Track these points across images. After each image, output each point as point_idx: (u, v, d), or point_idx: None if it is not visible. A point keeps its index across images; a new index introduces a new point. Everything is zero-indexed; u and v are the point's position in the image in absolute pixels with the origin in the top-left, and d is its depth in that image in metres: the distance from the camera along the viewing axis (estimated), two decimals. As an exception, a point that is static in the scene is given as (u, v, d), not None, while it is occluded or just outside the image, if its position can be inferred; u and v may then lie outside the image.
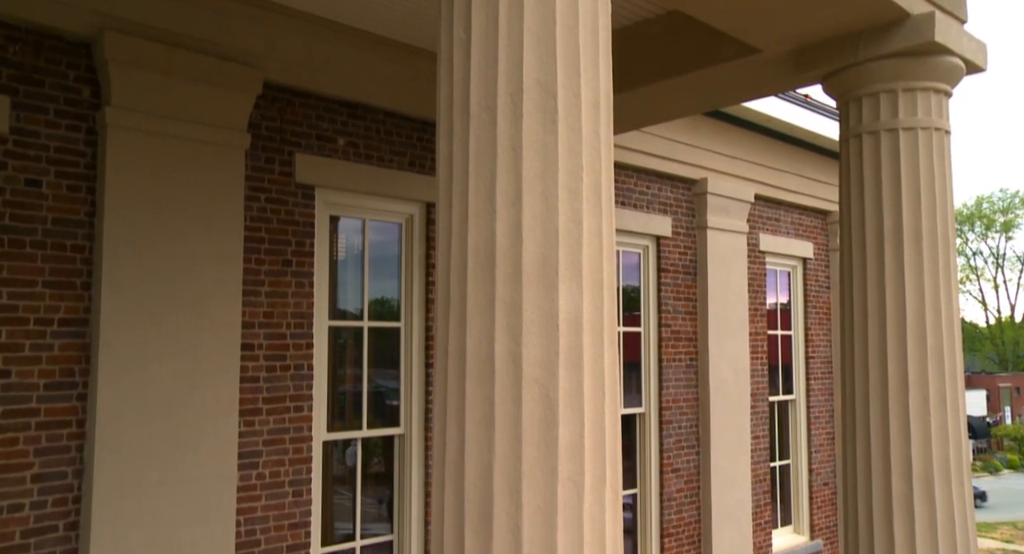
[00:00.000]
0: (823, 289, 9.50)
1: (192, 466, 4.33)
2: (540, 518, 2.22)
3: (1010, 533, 25.81)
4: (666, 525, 7.29)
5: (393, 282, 5.65)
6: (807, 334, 9.26)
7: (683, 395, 7.56)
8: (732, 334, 7.96)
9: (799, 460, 9.09)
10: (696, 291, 7.80)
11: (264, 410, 4.78)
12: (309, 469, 4.95)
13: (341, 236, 5.42)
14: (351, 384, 5.38)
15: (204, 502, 4.36)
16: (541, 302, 2.29)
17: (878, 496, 4.09)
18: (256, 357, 4.77)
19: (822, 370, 9.36)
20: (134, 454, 4.13)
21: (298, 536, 4.88)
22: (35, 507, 3.92)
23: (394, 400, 5.56)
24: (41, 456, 3.95)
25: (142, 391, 4.19)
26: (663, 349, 7.44)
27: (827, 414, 9.38)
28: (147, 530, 4.15)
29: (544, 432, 2.25)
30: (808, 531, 9.02)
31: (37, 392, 3.95)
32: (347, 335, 5.38)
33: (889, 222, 4.12)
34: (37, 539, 3.92)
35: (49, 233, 4.02)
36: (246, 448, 4.68)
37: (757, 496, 8.24)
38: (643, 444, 7.32)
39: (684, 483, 7.48)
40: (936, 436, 4.03)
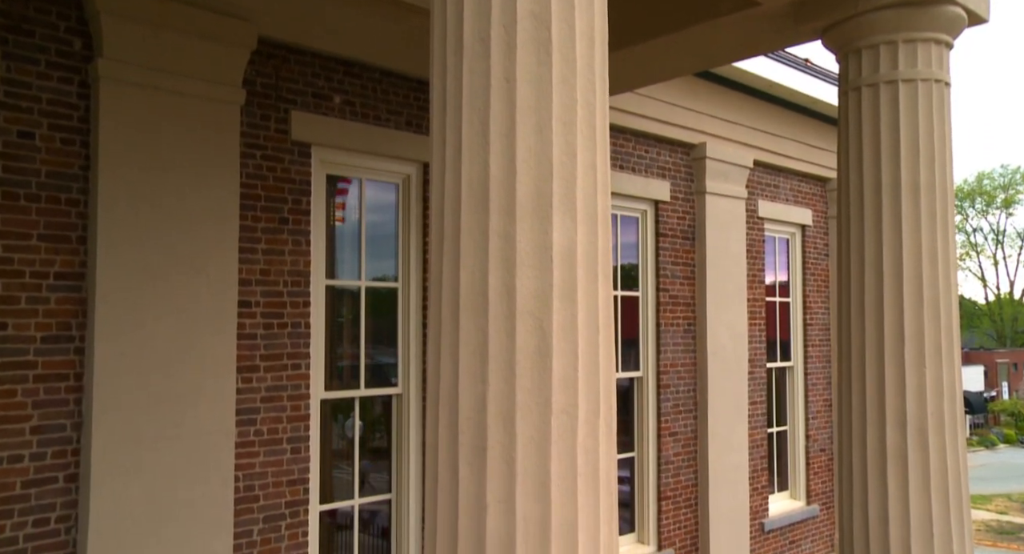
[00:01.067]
0: (822, 257, 9.49)
1: (190, 421, 4.35)
2: (534, 449, 2.23)
3: (1004, 504, 26.03)
4: (663, 488, 7.34)
5: (390, 243, 5.63)
6: (805, 301, 9.26)
7: (681, 360, 7.58)
8: (730, 300, 7.97)
9: (796, 426, 9.14)
10: (694, 256, 7.79)
11: (262, 367, 4.79)
12: (307, 427, 4.97)
13: (338, 196, 5.40)
14: (349, 344, 5.39)
15: (203, 457, 4.38)
16: (535, 235, 2.29)
17: (872, 446, 4.11)
18: (253, 314, 4.77)
19: (820, 338, 9.38)
20: (132, 408, 4.14)
21: (296, 492, 4.91)
22: (35, 458, 3.94)
23: (392, 360, 5.58)
24: (39, 408, 3.97)
25: (139, 346, 4.19)
26: (661, 314, 7.44)
27: (824, 381, 9.41)
28: (147, 484, 4.17)
29: (537, 364, 2.25)
30: (804, 496, 9.10)
31: (34, 345, 3.96)
32: (345, 295, 5.38)
33: (887, 175, 4.10)
34: (38, 490, 3.95)
35: (43, 186, 4.00)
36: (244, 405, 4.69)
37: (754, 461, 8.29)
38: (641, 408, 7.35)
39: (682, 447, 7.52)
40: (931, 387, 4.04)
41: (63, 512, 4.02)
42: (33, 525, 3.92)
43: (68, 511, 4.03)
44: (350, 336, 5.40)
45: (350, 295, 5.41)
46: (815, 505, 9.10)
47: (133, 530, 4.10)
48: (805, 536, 8.93)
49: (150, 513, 4.17)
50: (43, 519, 3.96)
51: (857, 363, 4.18)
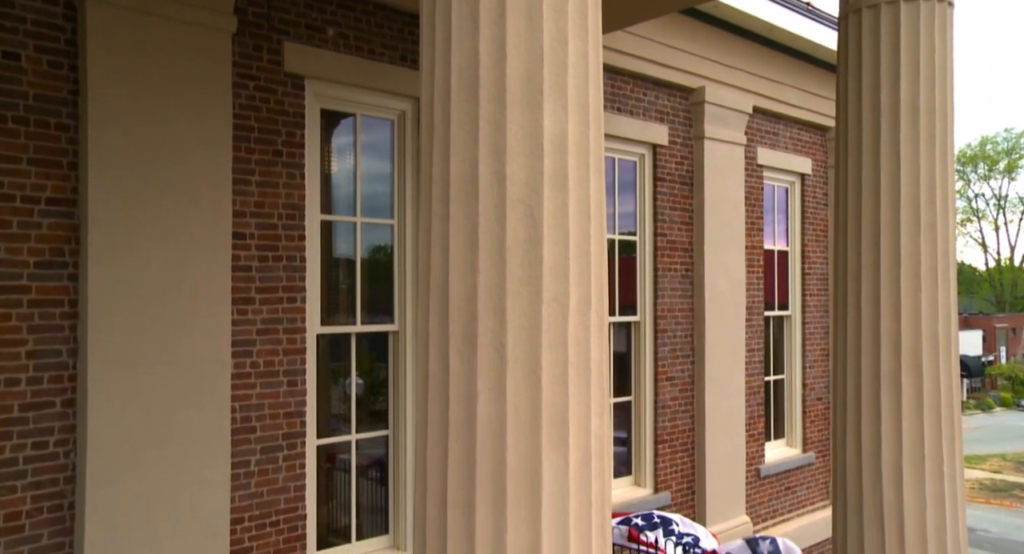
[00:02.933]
0: (821, 206, 9.44)
1: (185, 349, 4.35)
2: (524, 337, 2.23)
3: (999, 464, 26.32)
4: (660, 431, 7.39)
5: (386, 180, 5.59)
6: (804, 251, 9.24)
7: (678, 305, 7.58)
8: (728, 246, 7.94)
9: (793, 375, 9.18)
10: (692, 202, 7.75)
11: (257, 299, 4.78)
12: (303, 360, 4.98)
13: (333, 131, 5.35)
14: (345, 279, 5.38)
15: (198, 385, 4.40)
16: (525, 122, 2.25)
17: (867, 371, 4.12)
18: (248, 246, 4.75)
19: (818, 287, 9.38)
20: (127, 334, 4.14)
21: (293, 425, 4.94)
22: (31, 382, 3.95)
23: (388, 297, 5.57)
24: (35, 333, 3.97)
25: (133, 273, 4.18)
26: (658, 258, 7.43)
27: (822, 330, 9.43)
28: (143, 410, 4.19)
29: (528, 252, 2.24)
30: (801, 444, 9.17)
31: (27, 270, 3.95)
32: (340, 230, 5.36)
33: (886, 96, 4.05)
34: (35, 414, 3.96)
35: (31, 109, 3.95)
36: (239, 336, 4.70)
37: (751, 408, 8.34)
38: (638, 352, 7.37)
39: (678, 391, 7.56)
40: (926, 310, 4.04)
41: (61, 436, 4.04)
42: (32, 448, 3.95)
43: (66, 435, 4.05)
44: (346, 272, 5.39)
45: (346, 231, 5.38)
46: (811, 453, 9.17)
47: (131, 455, 4.13)
48: (801, 483, 9.02)
49: (147, 438, 4.19)
50: (42, 442, 3.98)
51: (853, 286, 4.17)
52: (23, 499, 3.91)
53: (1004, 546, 18.51)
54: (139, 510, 4.15)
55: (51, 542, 3.99)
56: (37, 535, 3.95)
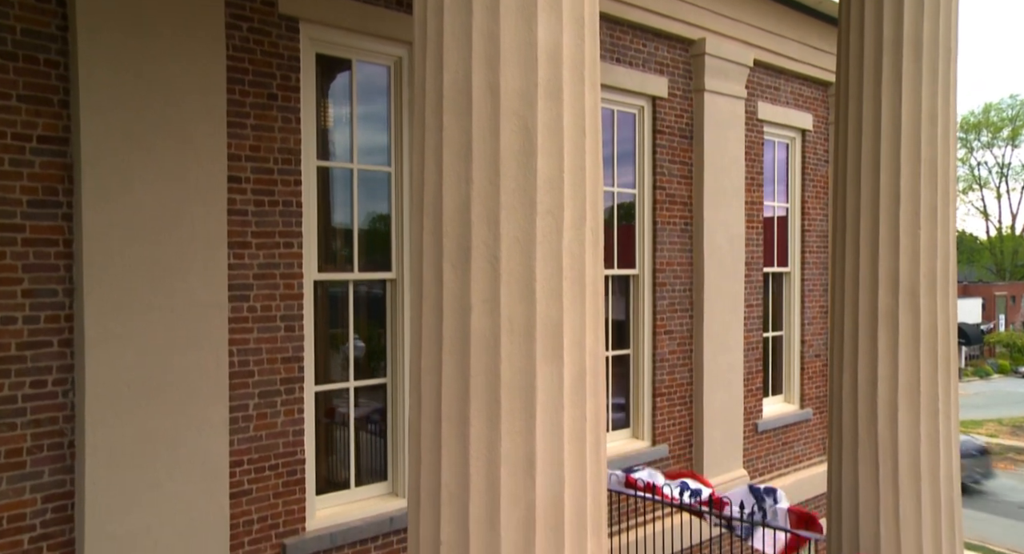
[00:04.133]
0: (821, 163, 9.38)
1: (182, 292, 4.35)
2: (518, 250, 2.21)
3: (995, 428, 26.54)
4: (658, 385, 7.42)
5: (382, 127, 5.54)
6: (804, 208, 9.20)
7: (677, 258, 7.56)
8: (727, 201, 7.90)
9: (792, 332, 9.19)
10: (692, 155, 7.69)
11: (253, 244, 4.77)
12: (300, 306, 4.98)
13: (329, 76, 5.28)
14: (342, 226, 5.35)
15: (195, 328, 4.40)
16: (519, 32, 2.22)
17: (864, 309, 4.12)
18: (243, 190, 4.72)
19: (818, 244, 9.35)
20: (123, 276, 4.13)
21: (292, 370, 4.95)
22: (28, 322, 3.95)
23: (385, 244, 5.55)
24: (30, 272, 3.95)
25: (127, 215, 4.16)
26: (657, 212, 7.39)
27: (821, 288, 9.42)
28: (141, 351, 4.20)
29: (522, 164, 2.21)
30: (798, 400, 9.22)
31: (20, 208, 3.92)
32: (337, 177, 5.32)
33: (889, 29, 3.98)
34: (33, 353, 3.97)
35: (19, 44, 3.89)
36: (236, 280, 4.69)
37: (749, 363, 8.37)
38: (636, 305, 7.37)
39: (677, 345, 7.58)
40: (925, 249, 4.03)
41: (59, 376, 4.05)
42: (30, 386, 3.96)
43: (64, 375, 4.06)
44: (343, 219, 5.36)
45: (342, 178, 5.35)
46: (808, 409, 9.23)
47: (129, 395, 4.14)
48: (798, 438, 9.09)
49: (146, 380, 4.21)
50: (40, 381, 3.99)
51: (851, 225, 4.15)
52: (23, 436, 3.93)
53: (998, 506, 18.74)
54: (138, 450, 4.18)
55: (52, 479, 4.02)
56: (38, 472, 3.98)
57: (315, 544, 5.02)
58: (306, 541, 4.98)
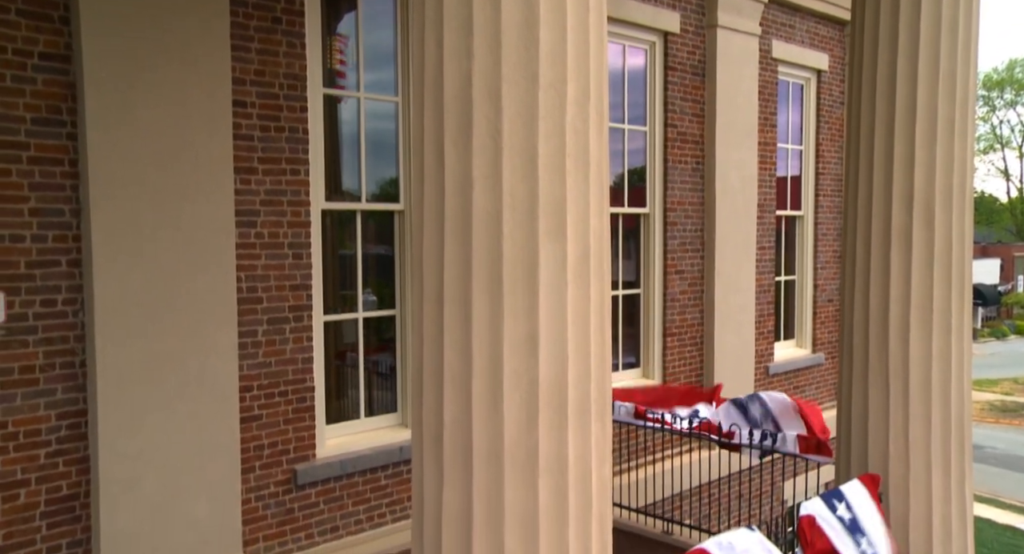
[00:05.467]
0: (837, 104, 9.20)
1: (188, 215, 4.33)
2: (520, 124, 2.17)
3: (1010, 387, 26.46)
4: (669, 325, 7.40)
5: (389, 57, 5.46)
6: (818, 150, 9.05)
7: (688, 198, 7.48)
8: (740, 141, 7.78)
9: (804, 276, 9.12)
10: (704, 93, 7.56)
11: (260, 170, 4.74)
12: (308, 234, 4.96)
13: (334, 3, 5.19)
14: (349, 155, 5.31)
15: (203, 251, 4.39)
16: (520, -103, 2.14)
17: (877, 226, 4.05)
18: (249, 115, 4.68)
19: (832, 187, 9.22)
20: (129, 199, 4.12)
21: (300, 298, 4.96)
22: (36, 240, 3.96)
23: (393, 175, 5.51)
24: (36, 191, 3.95)
25: (132, 137, 4.13)
26: (668, 150, 7.29)
27: (835, 231, 9.31)
28: (148, 274, 4.20)
29: (524, 35, 2.16)
30: (811, 345, 9.18)
31: (24, 126, 3.90)
32: (343, 106, 5.26)
33: (907, -66, 3.85)
34: (42, 272, 3.98)
35: (19, -42, 3.84)
36: (243, 206, 4.67)
37: (761, 306, 8.31)
38: (647, 245, 7.31)
39: (688, 285, 7.53)
40: (941, 163, 3.94)
41: (69, 295, 4.07)
42: (41, 305, 3.98)
43: (74, 295, 4.08)
44: (350, 149, 5.32)
45: (349, 106, 5.29)
46: (820, 353, 9.19)
47: (138, 315, 4.16)
48: (810, 382, 9.06)
49: (154, 302, 4.22)
50: (50, 300, 4.01)
51: (866, 141, 4.06)
52: (35, 354, 3.97)
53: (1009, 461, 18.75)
54: (148, 371, 4.21)
55: (65, 396, 4.07)
56: (51, 389, 4.02)
57: (325, 471, 5.08)
58: (316, 467, 5.04)
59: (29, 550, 3.98)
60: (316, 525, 5.08)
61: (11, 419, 3.91)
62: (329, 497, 5.14)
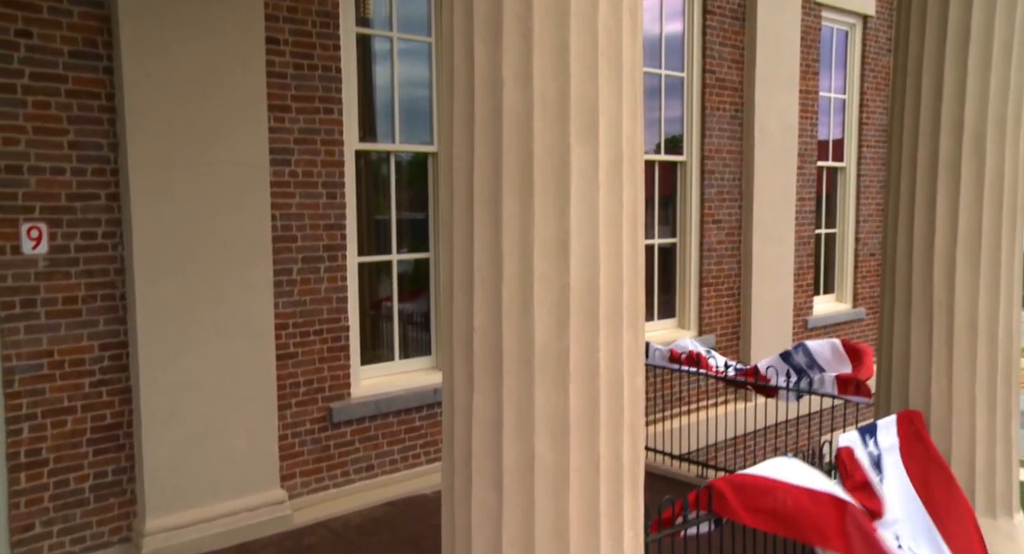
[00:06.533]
0: (884, 52, 8.88)
1: (222, 152, 4.35)
2: (551, 22, 2.11)
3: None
4: (705, 275, 7.30)
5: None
6: (862, 100, 8.77)
7: (726, 146, 7.32)
8: (780, 88, 7.57)
9: (846, 229, 8.91)
10: (744, 39, 7.35)
11: (293, 108, 4.73)
12: (342, 173, 4.97)
13: (363, -60, 5.13)
14: (382, 96, 5.28)
15: (237, 188, 4.41)
16: None
17: (923, 157, 3.91)
18: (282, 52, 4.66)
19: (876, 139, 8.95)
20: (164, 133, 4.15)
21: (334, 237, 4.98)
22: (76, 173, 4.02)
23: (426, 117, 5.47)
24: (75, 124, 4.00)
25: (166, 71, 4.13)
26: (706, 96, 7.12)
27: (878, 184, 9.06)
28: (184, 209, 4.24)
29: (556, -73, 2.08)
30: (851, 300, 9.00)
31: (62, 58, 3.94)
32: (376, 45, 5.22)
33: None
34: (82, 204, 4.05)
35: None
36: (277, 144, 4.68)
37: (800, 258, 8.15)
38: (684, 193, 7.19)
39: (725, 235, 7.41)
40: (995, 90, 3.77)
41: (108, 229, 4.13)
42: (81, 237, 4.05)
43: (113, 228, 4.15)
44: (383, 89, 5.28)
45: (382, 46, 5.24)
46: (861, 308, 9.01)
47: (173, 249, 4.21)
48: (850, 337, 8.90)
49: (190, 238, 4.26)
50: (90, 233, 4.08)
51: (913, 68, 3.90)
52: (77, 285, 4.05)
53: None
54: (185, 306, 4.27)
55: (107, 328, 4.16)
56: (94, 320, 4.11)
57: (360, 410, 5.14)
58: (351, 406, 5.10)
59: (78, 474, 4.11)
60: (352, 463, 5.16)
61: (57, 348, 4.01)
62: (364, 436, 5.21)
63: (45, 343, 3.98)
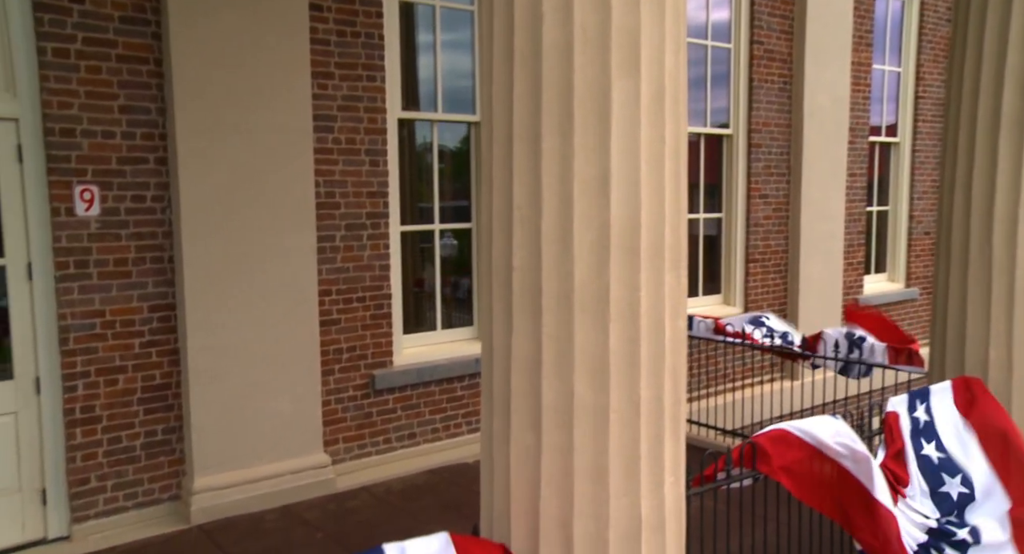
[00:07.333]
0: (942, 22, 8.57)
1: (267, 118, 4.39)
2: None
3: None
4: (751, 251, 7.16)
5: (463, -35, 5.37)
6: (919, 72, 8.48)
7: (774, 119, 7.15)
8: (831, 60, 7.36)
9: (899, 206, 8.64)
10: (793, 8, 7.15)
11: (337, 75, 4.76)
12: (384, 141, 4.98)
13: (406, -92, 5.12)
14: (425, 64, 5.27)
15: (282, 153, 4.45)
16: None
17: (984, 113, 3.75)
18: (325, 19, 4.69)
19: (932, 112, 8.65)
20: (210, 98, 4.20)
21: (377, 205, 5.00)
22: (125, 137, 4.10)
23: (469, 87, 5.45)
24: (125, 89, 4.08)
25: (213, 37, 4.18)
26: (754, 68, 6.96)
27: (934, 161, 8.77)
28: (229, 173, 4.28)
29: None
30: (904, 279, 8.74)
31: (113, 24, 4.02)
32: (420, 12, 5.21)
33: None
34: (132, 168, 4.13)
35: None
36: (320, 111, 4.71)
37: (850, 235, 7.94)
38: (729, 167, 7.06)
39: (772, 210, 7.25)
40: (1060, 40, 3.59)
41: (156, 192, 4.21)
42: (131, 200, 4.14)
43: (161, 192, 4.23)
44: (427, 58, 5.28)
45: (425, 15, 5.24)
46: (915, 288, 8.74)
47: (220, 214, 4.27)
48: (902, 318, 8.65)
49: (235, 201, 4.32)
50: (140, 196, 4.17)
51: (975, 20, 3.74)
52: (127, 247, 4.14)
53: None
54: (231, 270, 4.33)
55: (155, 290, 4.24)
56: (143, 282, 4.20)
57: (402, 378, 5.17)
58: (393, 374, 5.13)
59: (129, 432, 4.21)
60: (394, 431, 5.20)
61: (108, 308, 4.11)
62: (406, 404, 5.24)
63: (97, 303, 4.08)
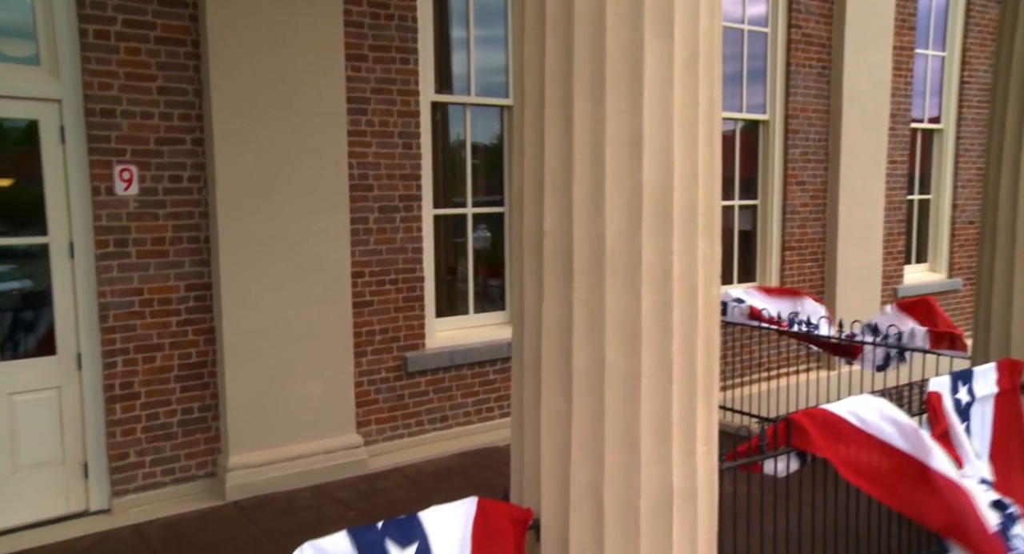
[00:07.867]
0: (991, 4, 8.33)
1: (301, 99, 4.43)
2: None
3: None
4: (788, 238, 7.04)
5: (496, -52, 5.35)
6: (964, 56, 8.26)
7: (812, 105, 7.02)
8: (872, 44, 7.20)
9: (942, 195, 8.43)
10: (834, -10, 7.02)
11: (370, 57, 4.78)
12: (417, 124, 5.00)
13: None
14: (458, 48, 5.27)
15: (315, 135, 4.48)
16: None
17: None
18: (359, 1, 4.72)
19: (978, 98, 8.42)
20: (245, 79, 4.24)
21: (410, 188, 5.02)
22: (163, 118, 4.17)
23: (502, 70, 5.44)
24: (163, 70, 4.14)
25: (248, 19, 4.22)
26: (791, 53, 6.84)
27: (979, 148, 8.53)
28: (264, 154, 4.32)
29: None
30: (946, 269, 8.53)
31: (152, 6, 4.08)
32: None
33: None
34: (169, 148, 4.20)
35: None
36: (354, 93, 4.74)
37: (890, 224, 7.77)
38: (766, 153, 6.95)
39: (809, 197, 7.12)
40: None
41: (193, 173, 4.28)
42: (168, 180, 4.21)
43: (197, 173, 4.29)
44: (460, 42, 5.28)
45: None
46: (958, 279, 8.53)
47: (254, 194, 4.31)
48: (944, 309, 8.41)
49: (270, 182, 4.36)
50: (176, 176, 4.23)
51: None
52: (165, 226, 4.21)
53: None
54: (266, 250, 4.38)
55: (192, 270, 4.31)
56: (180, 261, 4.27)
57: (434, 360, 5.19)
58: (426, 356, 5.15)
59: (167, 409, 4.29)
60: (426, 413, 5.22)
61: (146, 286, 4.18)
62: (439, 387, 5.26)
63: (136, 281, 4.15)
